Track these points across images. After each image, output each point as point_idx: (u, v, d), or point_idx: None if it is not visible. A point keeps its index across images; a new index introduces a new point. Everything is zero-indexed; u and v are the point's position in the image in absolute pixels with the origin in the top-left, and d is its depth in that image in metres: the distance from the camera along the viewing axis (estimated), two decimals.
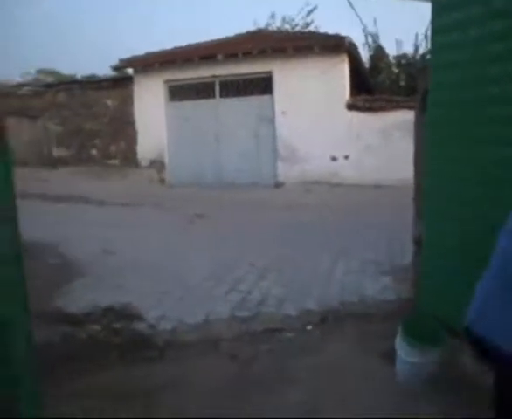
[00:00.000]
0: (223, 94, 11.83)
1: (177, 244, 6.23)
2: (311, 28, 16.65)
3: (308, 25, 17.11)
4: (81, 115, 13.03)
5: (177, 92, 12.25)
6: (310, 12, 16.55)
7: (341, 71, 10.53)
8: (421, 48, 13.53)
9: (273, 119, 11.25)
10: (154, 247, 6.05)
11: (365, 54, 14.53)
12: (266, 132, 11.41)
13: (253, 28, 14.79)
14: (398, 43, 14.30)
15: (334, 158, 10.76)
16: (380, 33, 14.91)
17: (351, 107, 10.51)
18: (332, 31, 10.77)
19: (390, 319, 3.57)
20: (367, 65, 14.21)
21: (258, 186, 11.10)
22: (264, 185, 11.14)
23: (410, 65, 13.55)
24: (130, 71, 12.67)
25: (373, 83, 13.60)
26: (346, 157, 10.64)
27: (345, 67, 10.57)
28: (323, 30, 12.39)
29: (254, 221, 7.67)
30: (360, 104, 10.49)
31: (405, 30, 15.86)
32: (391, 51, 14.71)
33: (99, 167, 12.63)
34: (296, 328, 3.69)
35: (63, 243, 5.92)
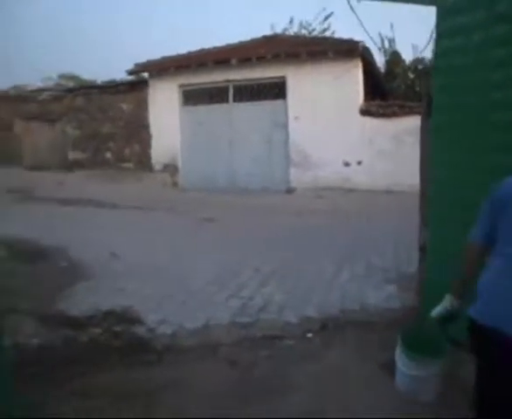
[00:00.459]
0: (236, 99, 11.86)
1: (185, 248, 6.24)
2: (328, 33, 16.60)
3: (325, 31, 17.07)
4: (97, 119, 13.21)
5: (191, 96, 12.32)
6: (327, 18, 16.50)
7: (354, 76, 10.47)
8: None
9: (286, 124, 11.23)
10: (161, 251, 6.06)
11: (381, 59, 14.44)
12: (279, 137, 11.40)
13: (270, 33, 14.80)
14: (415, 48, 14.17)
15: (347, 163, 10.69)
16: (397, 38, 14.74)
17: (365, 113, 10.43)
18: (349, 37, 10.69)
19: (392, 329, 3.49)
20: (382, 70, 14.10)
21: (270, 191, 11.08)
22: (276, 190, 11.11)
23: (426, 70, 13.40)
24: (146, 75, 12.80)
25: (388, 88, 13.49)
26: (359, 163, 10.55)
27: (359, 72, 10.51)
28: (340, 35, 12.34)
29: (263, 226, 7.65)
30: (373, 109, 10.40)
31: (423, 35, 15.63)
32: (408, 56, 14.59)
33: (113, 170, 12.77)
34: (296, 335, 3.64)
35: (71, 246, 5.96)
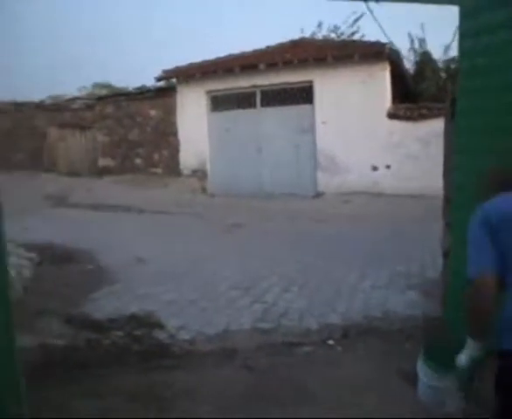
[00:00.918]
0: (264, 104, 11.87)
1: (210, 253, 6.26)
2: (357, 36, 16.41)
3: (354, 34, 16.87)
4: (126, 126, 13.47)
5: (219, 102, 12.40)
6: (356, 21, 16.31)
7: (382, 79, 10.32)
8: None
9: (314, 128, 11.16)
10: (186, 256, 6.11)
11: (411, 60, 14.16)
12: (306, 141, 11.33)
13: (298, 37, 14.75)
14: (446, 47, 13.82)
15: (374, 167, 10.54)
16: (428, 38, 14.41)
17: (392, 116, 10.26)
18: (380, 39, 10.52)
19: (414, 337, 3.42)
20: (412, 72, 13.82)
21: (297, 196, 11.00)
22: (303, 195, 11.04)
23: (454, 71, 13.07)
24: (174, 81, 12.96)
25: (418, 90, 13.20)
26: (387, 167, 10.38)
27: (386, 75, 10.35)
28: (370, 38, 12.14)
29: (289, 231, 7.63)
30: (401, 112, 10.23)
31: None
32: (440, 56, 14.23)
33: (142, 176, 12.97)
34: (317, 342, 3.60)
35: (99, 250, 6.09)
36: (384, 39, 9.72)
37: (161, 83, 13.48)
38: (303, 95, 11.34)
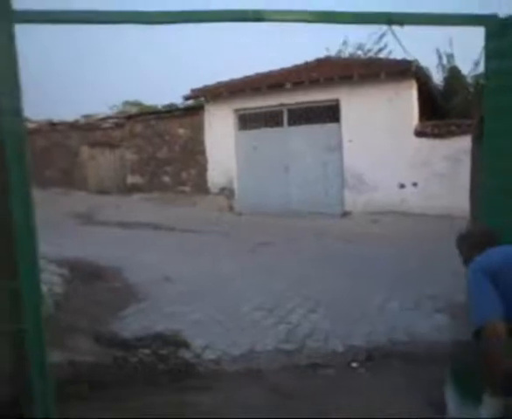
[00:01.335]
0: (291, 122, 11.94)
1: (236, 273, 6.28)
2: (384, 52, 16.36)
3: (381, 50, 16.83)
4: (155, 144, 13.75)
5: (246, 120, 12.52)
6: (382, 37, 16.27)
7: (408, 97, 10.27)
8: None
9: (341, 147, 11.15)
10: (212, 275, 6.15)
11: (439, 76, 14.03)
12: (334, 160, 11.33)
13: (325, 55, 14.82)
14: (475, 63, 13.63)
15: (402, 185, 10.43)
16: (457, 54, 14.27)
17: (419, 134, 10.17)
18: (405, 56, 10.51)
19: (442, 364, 3.34)
20: (441, 88, 13.68)
21: (324, 215, 10.96)
22: (330, 214, 10.99)
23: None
24: (203, 99, 13.16)
25: (447, 106, 13.05)
26: (414, 184, 10.27)
27: (413, 93, 10.30)
28: (397, 53, 12.12)
29: (316, 251, 7.60)
30: (428, 130, 10.12)
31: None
32: (470, 71, 14.04)
33: (170, 193, 13.17)
34: (341, 364, 3.58)
35: (127, 267, 6.19)
36: (412, 57, 9.72)
37: (189, 102, 13.74)
38: (330, 113, 11.37)
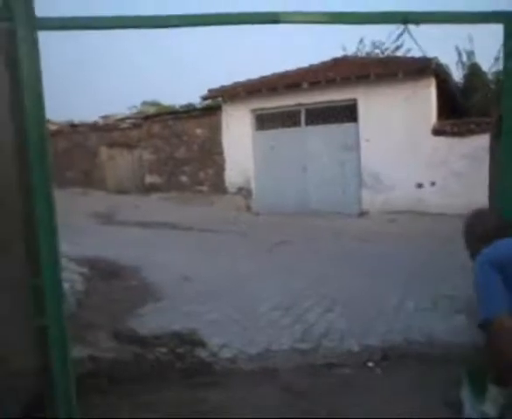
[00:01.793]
0: (308, 122, 11.93)
1: (253, 272, 6.32)
2: (402, 50, 16.22)
3: (399, 48, 16.68)
4: (173, 144, 13.88)
5: (264, 120, 12.56)
6: (400, 35, 16.11)
7: (427, 95, 10.18)
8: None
9: (358, 146, 11.11)
10: (229, 274, 6.19)
11: (459, 73, 13.84)
12: (351, 159, 11.30)
13: (341, 54, 14.75)
14: (496, 60, 13.40)
15: (420, 185, 10.34)
16: (476, 50, 14.03)
17: (437, 132, 10.06)
18: (425, 52, 10.38)
19: (458, 364, 3.32)
20: (461, 86, 13.49)
21: (342, 214, 10.94)
22: (348, 213, 10.97)
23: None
24: (220, 99, 13.23)
25: (467, 104, 12.87)
26: (432, 184, 10.17)
27: (431, 91, 10.20)
28: (415, 51, 12.02)
29: (333, 250, 7.59)
30: (447, 128, 10.01)
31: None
32: (490, 68, 13.82)
33: (188, 193, 13.28)
34: (356, 364, 3.58)
35: (145, 266, 6.29)
36: (431, 54, 9.61)
37: (206, 102, 13.82)
38: (347, 113, 11.33)
